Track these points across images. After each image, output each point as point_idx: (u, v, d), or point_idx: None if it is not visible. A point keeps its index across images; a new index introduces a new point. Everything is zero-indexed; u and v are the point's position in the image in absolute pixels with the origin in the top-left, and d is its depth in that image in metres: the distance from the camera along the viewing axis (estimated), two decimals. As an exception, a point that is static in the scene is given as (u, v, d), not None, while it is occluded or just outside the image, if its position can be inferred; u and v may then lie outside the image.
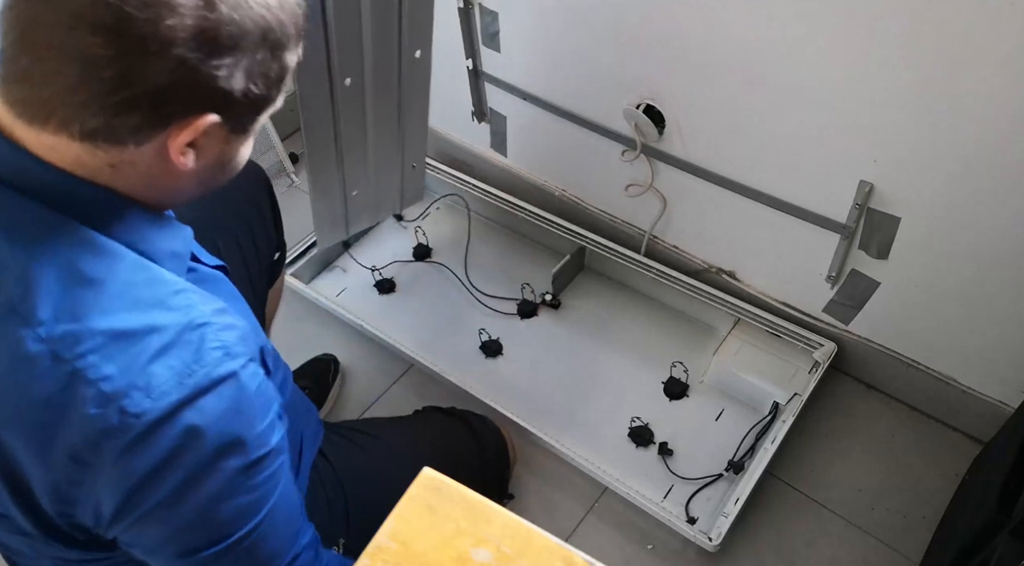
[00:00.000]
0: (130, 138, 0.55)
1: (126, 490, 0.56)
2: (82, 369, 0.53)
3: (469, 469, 1.21)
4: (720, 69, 1.19)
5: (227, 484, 0.58)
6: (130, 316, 0.55)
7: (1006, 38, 0.89)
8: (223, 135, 0.60)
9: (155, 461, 0.54)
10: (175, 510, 0.57)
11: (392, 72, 1.18)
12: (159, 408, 0.54)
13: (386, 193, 1.43)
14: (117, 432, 0.53)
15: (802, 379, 1.39)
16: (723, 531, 1.20)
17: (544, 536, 0.55)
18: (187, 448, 0.55)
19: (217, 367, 0.56)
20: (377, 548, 0.55)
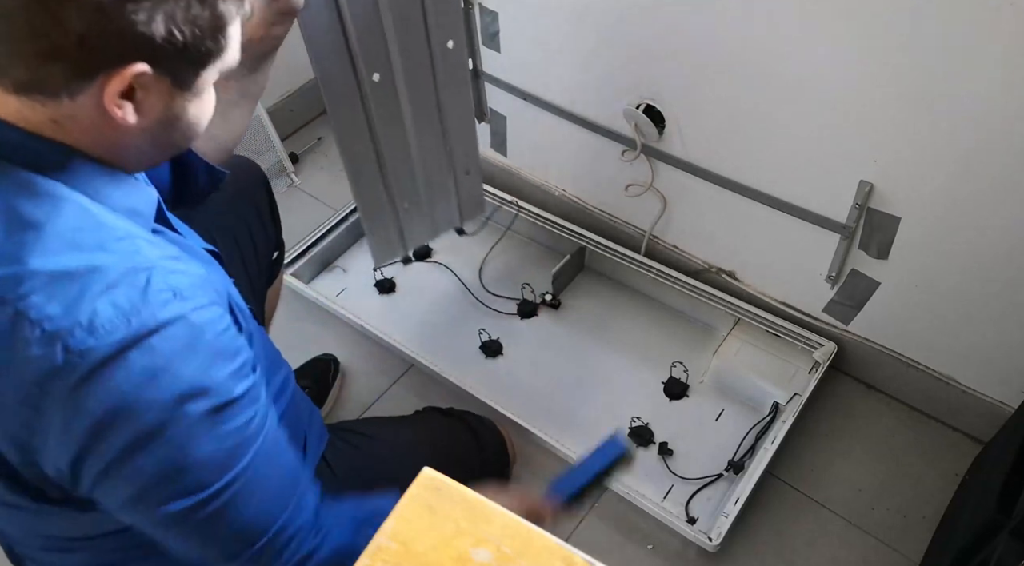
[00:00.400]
0: (62, 90, 0.54)
1: (80, 435, 0.54)
2: (24, 310, 0.52)
3: (469, 469, 1.21)
4: (720, 69, 1.19)
5: (188, 430, 0.56)
6: (72, 257, 0.54)
7: (1006, 38, 0.89)
8: (164, 89, 0.58)
9: (105, 404, 0.53)
10: (136, 460, 0.56)
11: (424, 65, 1.13)
12: (104, 346, 0.52)
13: (442, 204, 1.36)
14: (62, 372, 0.52)
15: (802, 379, 1.39)
16: (723, 531, 1.20)
17: (544, 536, 0.55)
18: (140, 390, 0.54)
19: (164, 308, 0.55)
20: (377, 548, 0.55)
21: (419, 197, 1.30)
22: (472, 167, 1.35)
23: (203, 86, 0.62)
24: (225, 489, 0.60)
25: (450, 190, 1.35)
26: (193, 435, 0.57)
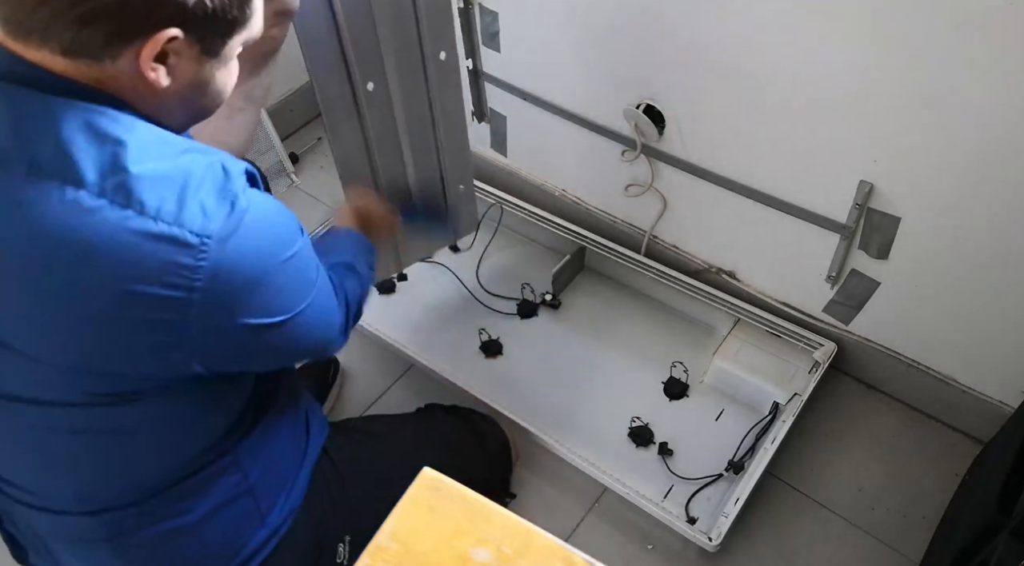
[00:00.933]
0: (104, 53, 0.59)
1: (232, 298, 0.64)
2: (146, 210, 0.59)
3: (472, 468, 1.21)
4: (720, 69, 1.19)
5: (295, 268, 0.70)
6: (161, 163, 0.61)
7: (1006, 38, 0.89)
8: (194, 55, 0.63)
9: (244, 268, 0.63)
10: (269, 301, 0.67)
11: (418, 75, 1.14)
12: (224, 225, 0.62)
13: (436, 220, 1.38)
14: (199, 249, 0.60)
15: (802, 379, 1.39)
16: (723, 531, 1.20)
17: (544, 536, 0.55)
18: (259, 252, 0.64)
19: (245, 188, 0.65)
20: (377, 548, 0.55)
21: (413, 213, 1.30)
22: (465, 181, 1.35)
23: (229, 54, 0.67)
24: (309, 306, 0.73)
25: (443, 206, 1.35)
26: (297, 269, 0.70)
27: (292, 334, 0.72)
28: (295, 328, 0.72)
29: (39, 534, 0.82)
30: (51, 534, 0.80)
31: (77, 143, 0.59)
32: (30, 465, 0.74)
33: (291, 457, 0.92)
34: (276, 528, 0.88)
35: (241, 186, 0.64)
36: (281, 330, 0.70)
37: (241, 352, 0.70)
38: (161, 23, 0.59)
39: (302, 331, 0.74)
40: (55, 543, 0.81)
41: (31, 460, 0.74)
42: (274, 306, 0.68)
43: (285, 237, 0.69)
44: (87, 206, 0.58)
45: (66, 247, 0.59)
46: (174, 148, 0.64)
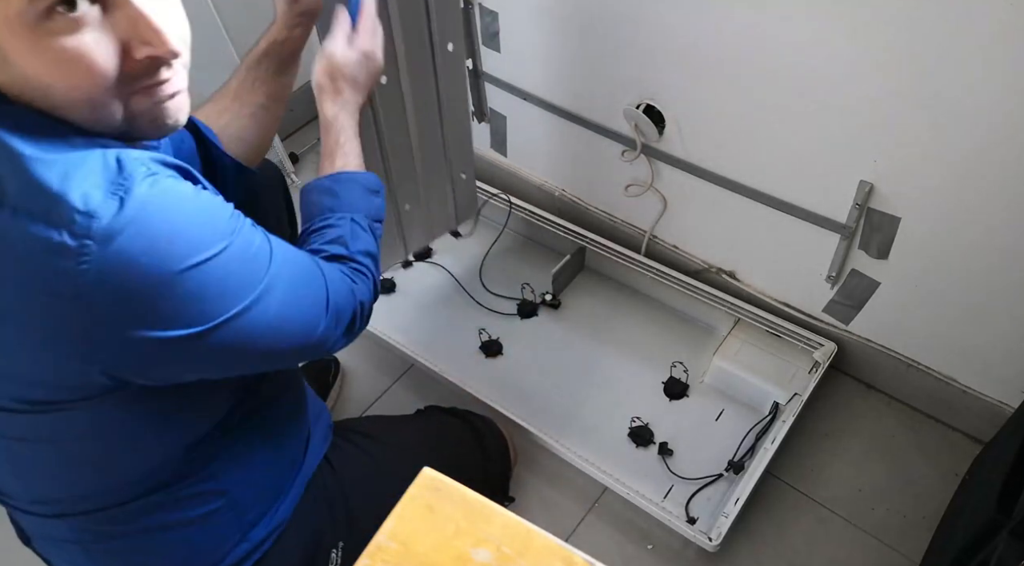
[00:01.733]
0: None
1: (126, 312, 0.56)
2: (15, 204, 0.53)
3: (471, 470, 1.21)
4: (720, 69, 1.19)
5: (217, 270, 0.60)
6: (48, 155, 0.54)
7: (1005, 37, 0.89)
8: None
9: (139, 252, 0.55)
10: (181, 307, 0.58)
11: (427, 68, 1.15)
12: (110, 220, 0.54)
13: (438, 207, 1.38)
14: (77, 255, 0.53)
15: (802, 379, 1.39)
16: (723, 531, 1.20)
17: (544, 536, 0.55)
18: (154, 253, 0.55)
19: (143, 179, 0.56)
20: (377, 548, 0.55)
21: (419, 199, 1.30)
22: (467, 168, 1.36)
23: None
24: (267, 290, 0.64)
25: (447, 192, 1.36)
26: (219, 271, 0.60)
27: (233, 342, 0.63)
28: (235, 335, 0.62)
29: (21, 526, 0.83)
30: (28, 528, 0.80)
31: None
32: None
33: (283, 470, 0.89)
34: (259, 542, 0.86)
35: (140, 178, 0.56)
36: (207, 341, 0.60)
37: (160, 365, 0.61)
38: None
39: (251, 337, 0.64)
40: (34, 537, 0.81)
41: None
42: (185, 316, 0.58)
43: (200, 235, 0.59)
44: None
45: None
46: (66, 142, 0.56)
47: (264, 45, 0.92)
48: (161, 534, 0.77)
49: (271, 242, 0.67)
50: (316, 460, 0.97)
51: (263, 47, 0.92)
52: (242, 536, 0.84)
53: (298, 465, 0.92)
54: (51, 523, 0.75)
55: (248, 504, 0.83)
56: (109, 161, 0.56)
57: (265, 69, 0.93)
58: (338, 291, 0.75)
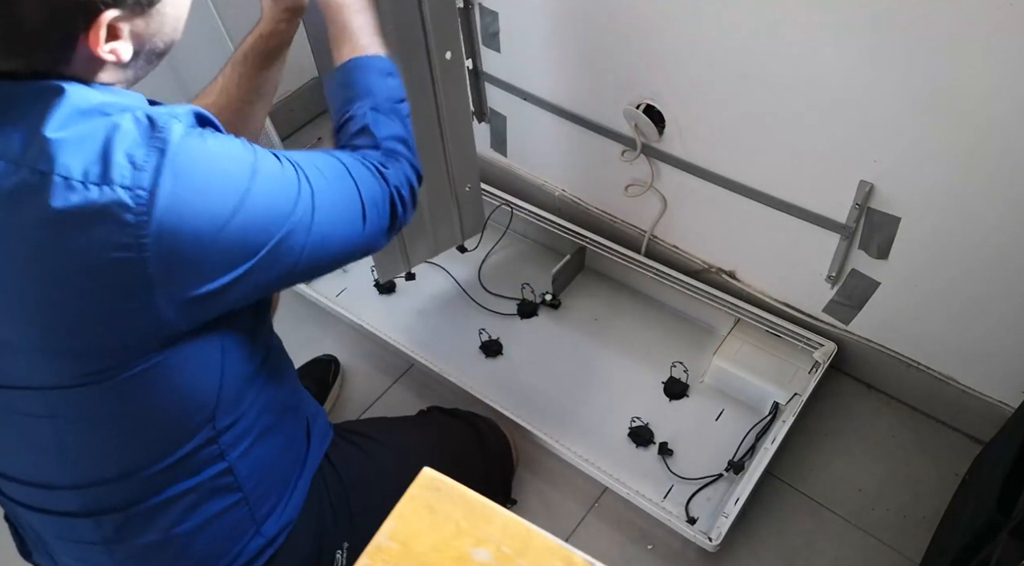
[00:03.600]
0: (57, 65, 0.60)
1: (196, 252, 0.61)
2: (69, 174, 0.57)
3: (473, 471, 1.21)
4: (720, 69, 1.19)
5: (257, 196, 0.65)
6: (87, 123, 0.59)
7: (1005, 37, 0.89)
8: (138, 14, 0.62)
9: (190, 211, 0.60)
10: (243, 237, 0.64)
11: (424, 75, 1.14)
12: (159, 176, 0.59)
13: (443, 221, 1.37)
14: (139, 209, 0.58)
15: (802, 379, 1.39)
16: (723, 531, 1.20)
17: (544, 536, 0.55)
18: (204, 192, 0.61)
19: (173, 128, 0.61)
20: (377, 548, 0.55)
21: (422, 214, 1.29)
22: (472, 181, 1.34)
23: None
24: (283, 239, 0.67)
25: (451, 206, 1.35)
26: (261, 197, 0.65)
27: (290, 254, 0.68)
28: (288, 250, 0.67)
29: (39, 533, 0.83)
30: (50, 533, 0.80)
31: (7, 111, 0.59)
32: (26, 458, 0.74)
33: (289, 466, 0.91)
34: (272, 538, 0.87)
35: (170, 131, 0.61)
36: (267, 259, 0.66)
37: (216, 301, 0.65)
38: (94, 11, 0.58)
39: (304, 248, 0.69)
40: (54, 542, 0.81)
41: (26, 451, 0.73)
42: (247, 244, 0.64)
43: (234, 170, 0.64)
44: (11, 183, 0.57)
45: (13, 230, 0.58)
46: (96, 108, 0.61)
47: (250, 40, 0.92)
48: (183, 531, 0.79)
49: (290, 157, 0.71)
50: (319, 456, 0.97)
51: (249, 42, 0.92)
52: (256, 531, 0.85)
53: (302, 459, 0.94)
54: (80, 524, 0.76)
55: (261, 498, 0.85)
56: (141, 119, 0.60)
57: (252, 64, 0.92)
58: (368, 185, 0.76)
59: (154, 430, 0.72)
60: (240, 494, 0.82)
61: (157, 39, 0.66)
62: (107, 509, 0.75)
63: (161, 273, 0.60)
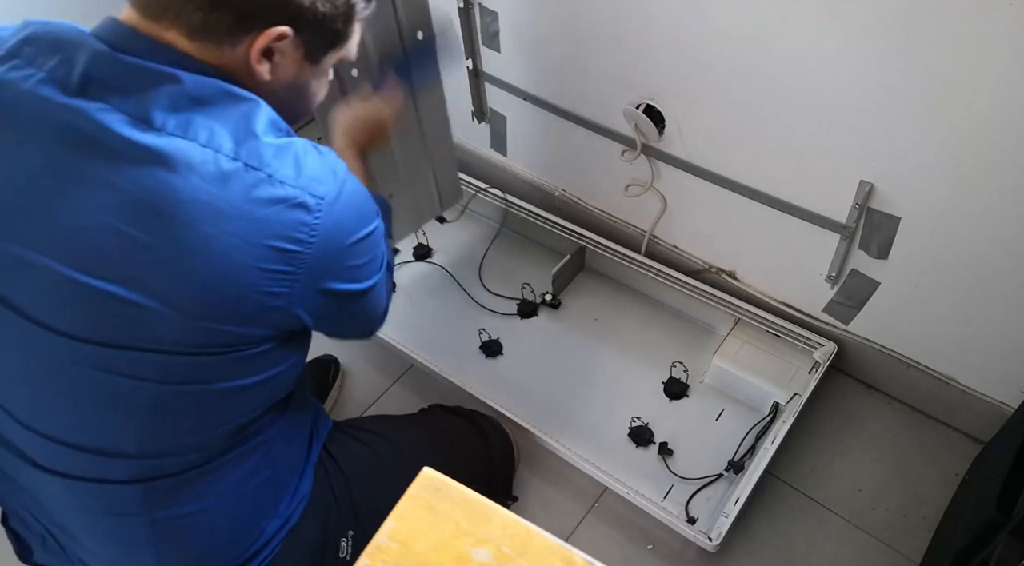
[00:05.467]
0: (226, 38, 0.67)
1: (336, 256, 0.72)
2: (273, 173, 0.67)
3: (475, 470, 1.21)
4: (720, 69, 1.19)
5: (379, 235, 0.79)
6: (278, 139, 0.69)
7: (1005, 37, 0.89)
8: (297, 58, 0.72)
9: (347, 222, 0.72)
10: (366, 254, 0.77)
11: (399, 58, 1.16)
12: (331, 190, 0.70)
13: (423, 194, 1.39)
14: (316, 208, 0.68)
15: (802, 379, 1.39)
16: (723, 531, 1.20)
17: (544, 536, 0.55)
18: (359, 215, 0.74)
19: (341, 164, 0.73)
20: (377, 548, 0.55)
21: (400, 186, 1.31)
22: (447, 154, 1.36)
23: (325, 67, 0.76)
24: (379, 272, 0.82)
25: (429, 178, 1.37)
26: (379, 235, 0.79)
27: (368, 302, 0.82)
28: (371, 297, 0.81)
29: (60, 522, 0.82)
30: (87, 509, 0.78)
31: (215, 113, 0.66)
32: (105, 420, 0.73)
33: (301, 449, 0.94)
34: (287, 518, 0.89)
35: (335, 158, 0.73)
36: (366, 296, 0.80)
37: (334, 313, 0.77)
38: (278, 18, 0.67)
39: (375, 299, 0.83)
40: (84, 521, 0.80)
41: (107, 415, 0.72)
42: (367, 267, 0.78)
43: (371, 206, 0.78)
44: (225, 169, 0.65)
45: (204, 206, 0.64)
46: (279, 125, 0.72)
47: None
48: (218, 504, 0.81)
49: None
50: (319, 445, 0.99)
51: None
52: (275, 510, 0.88)
53: (308, 446, 0.96)
54: (129, 492, 0.75)
55: (282, 479, 0.88)
56: (314, 145, 0.72)
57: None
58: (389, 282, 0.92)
59: (235, 407, 0.77)
60: (271, 470, 0.85)
61: (290, 91, 0.75)
62: (162, 475, 0.76)
63: (311, 266, 0.69)
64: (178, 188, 0.64)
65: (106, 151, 0.64)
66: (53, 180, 0.65)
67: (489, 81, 1.60)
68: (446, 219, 1.77)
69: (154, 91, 0.65)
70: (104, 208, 0.64)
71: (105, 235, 0.64)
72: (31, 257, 0.66)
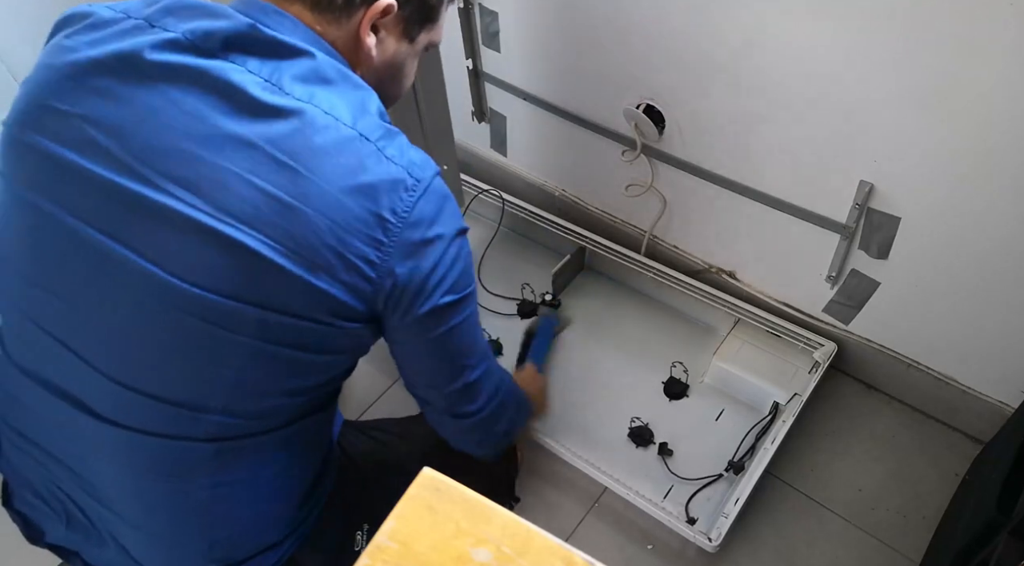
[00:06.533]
0: (343, 10, 0.73)
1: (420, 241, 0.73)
2: (381, 148, 0.71)
3: (479, 468, 1.21)
4: (720, 69, 1.19)
5: (468, 249, 0.80)
6: (387, 123, 0.74)
7: (1005, 37, 0.89)
8: (397, 34, 0.78)
9: (437, 209, 0.74)
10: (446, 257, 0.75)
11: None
12: (428, 176, 0.73)
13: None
14: (412, 188, 0.71)
15: (802, 379, 1.39)
16: (723, 531, 1.20)
17: (544, 536, 0.55)
18: (447, 208, 0.75)
19: (432, 161, 0.76)
20: (377, 548, 0.55)
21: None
22: (450, 160, 1.36)
23: (418, 47, 0.82)
24: (470, 297, 0.82)
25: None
26: (463, 247, 0.79)
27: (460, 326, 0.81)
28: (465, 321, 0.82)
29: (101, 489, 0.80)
30: (150, 468, 0.77)
31: (337, 91, 0.71)
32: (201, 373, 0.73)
33: (329, 437, 0.96)
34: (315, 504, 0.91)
35: (428, 157, 0.76)
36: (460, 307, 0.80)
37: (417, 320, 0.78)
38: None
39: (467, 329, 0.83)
40: (143, 481, 0.78)
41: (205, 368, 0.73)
42: (459, 278, 0.77)
43: (458, 210, 0.79)
44: (344, 134, 0.69)
45: (324, 163, 0.68)
46: (387, 118, 0.75)
47: None
48: (277, 473, 0.83)
49: None
50: (335, 435, 1.00)
51: None
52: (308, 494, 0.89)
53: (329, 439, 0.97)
54: (198, 449, 0.75)
55: (316, 462, 0.90)
56: (408, 143, 0.75)
57: None
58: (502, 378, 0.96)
59: (315, 379, 0.80)
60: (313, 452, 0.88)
61: (389, 70, 0.81)
62: (236, 435, 0.77)
63: (400, 244, 0.71)
64: (301, 143, 0.68)
65: (239, 108, 0.68)
66: (200, 125, 0.68)
67: (489, 81, 1.60)
68: None
69: (287, 63, 0.70)
70: (236, 160, 0.67)
71: (236, 185, 0.67)
72: (172, 204, 0.67)
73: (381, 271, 0.71)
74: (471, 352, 0.87)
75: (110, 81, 0.68)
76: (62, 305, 0.72)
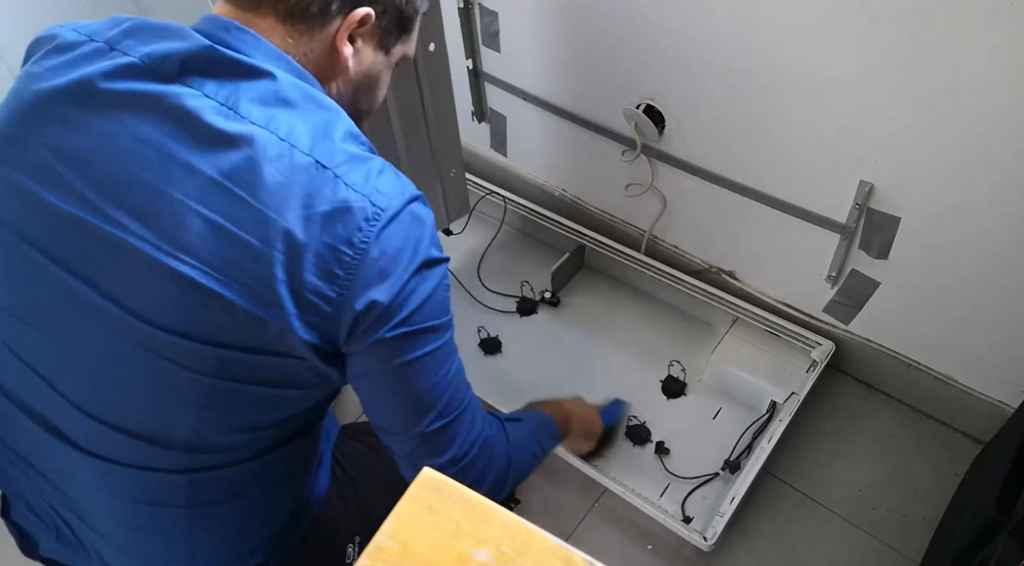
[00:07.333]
0: (317, 20, 0.70)
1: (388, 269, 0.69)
2: (340, 175, 0.67)
3: None
4: (720, 69, 1.19)
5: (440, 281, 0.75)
6: (355, 148, 0.70)
7: (1005, 37, 0.89)
8: (373, 45, 0.76)
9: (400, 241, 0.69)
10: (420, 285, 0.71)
11: (408, 68, 1.16)
12: (396, 204, 0.68)
13: (430, 205, 1.41)
14: (374, 217, 0.67)
15: (800, 378, 1.39)
16: (718, 530, 1.20)
17: (544, 536, 0.55)
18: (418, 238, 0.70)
19: (411, 187, 0.72)
20: (377, 548, 0.55)
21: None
22: (456, 167, 1.36)
23: (394, 58, 0.80)
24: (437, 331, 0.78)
25: (436, 191, 1.36)
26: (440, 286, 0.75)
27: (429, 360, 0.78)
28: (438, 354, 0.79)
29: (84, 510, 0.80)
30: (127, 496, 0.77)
31: (298, 114, 0.68)
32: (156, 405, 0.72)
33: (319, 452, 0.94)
34: (304, 518, 0.89)
35: (407, 181, 0.72)
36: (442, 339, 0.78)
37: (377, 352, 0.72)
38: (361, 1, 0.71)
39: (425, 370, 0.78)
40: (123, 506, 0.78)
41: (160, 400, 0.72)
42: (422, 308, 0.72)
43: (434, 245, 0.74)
44: (298, 162, 0.66)
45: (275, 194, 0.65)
46: (362, 139, 0.72)
47: None
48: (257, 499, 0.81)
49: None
50: (330, 447, 0.99)
51: None
52: (295, 510, 0.87)
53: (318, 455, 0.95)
54: (171, 480, 0.75)
55: (304, 478, 0.88)
56: (390, 165, 0.72)
57: None
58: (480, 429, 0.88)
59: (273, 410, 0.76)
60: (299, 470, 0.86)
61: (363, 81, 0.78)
62: (208, 467, 0.75)
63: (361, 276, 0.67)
64: (251, 173, 0.65)
65: (192, 137, 0.66)
66: (154, 155, 0.66)
67: (489, 81, 1.59)
68: (452, 231, 1.74)
69: (246, 85, 0.67)
70: (188, 192, 0.65)
71: (187, 218, 0.65)
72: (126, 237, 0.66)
73: (337, 305, 0.67)
74: (438, 394, 0.80)
75: (69, 108, 0.67)
76: (39, 336, 0.72)
